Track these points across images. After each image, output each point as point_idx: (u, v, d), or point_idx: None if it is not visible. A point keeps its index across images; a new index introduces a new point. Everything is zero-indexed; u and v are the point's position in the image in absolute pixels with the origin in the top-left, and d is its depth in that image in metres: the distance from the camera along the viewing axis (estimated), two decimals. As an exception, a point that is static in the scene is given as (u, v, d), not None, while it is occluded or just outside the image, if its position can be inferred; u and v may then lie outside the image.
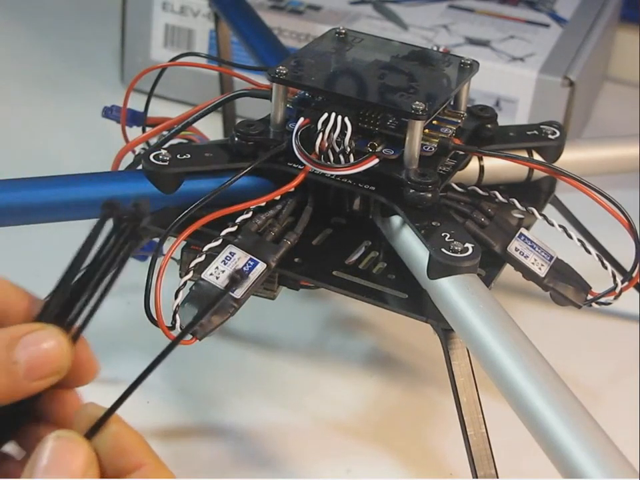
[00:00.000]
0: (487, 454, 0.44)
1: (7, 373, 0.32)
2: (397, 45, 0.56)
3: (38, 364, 0.32)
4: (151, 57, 0.82)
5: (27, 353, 0.32)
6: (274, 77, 0.50)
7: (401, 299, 0.48)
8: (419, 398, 0.55)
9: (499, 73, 0.74)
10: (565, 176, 0.50)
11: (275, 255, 0.47)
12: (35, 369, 0.32)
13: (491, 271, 0.49)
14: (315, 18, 0.78)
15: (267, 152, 0.50)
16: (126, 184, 0.50)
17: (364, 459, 0.51)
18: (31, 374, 0.32)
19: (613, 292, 0.50)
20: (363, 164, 0.49)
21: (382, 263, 0.50)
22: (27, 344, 0.32)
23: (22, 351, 0.32)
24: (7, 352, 0.32)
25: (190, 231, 0.46)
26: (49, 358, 0.32)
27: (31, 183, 0.48)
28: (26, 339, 0.32)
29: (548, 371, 0.41)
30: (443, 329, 0.46)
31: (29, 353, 0.32)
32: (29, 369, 0.32)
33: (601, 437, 0.38)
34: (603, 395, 0.56)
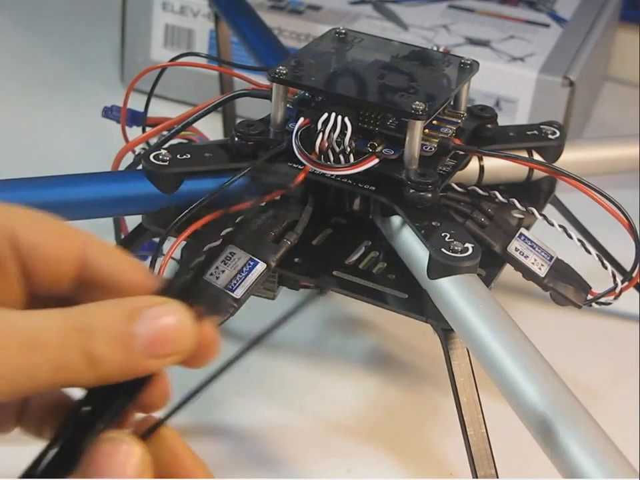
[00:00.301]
0: (486, 454, 0.44)
1: (124, 347, 0.29)
2: (397, 44, 0.56)
3: (159, 340, 0.29)
4: (151, 57, 0.82)
5: (148, 327, 0.29)
6: (274, 77, 0.50)
7: (401, 299, 0.48)
8: (419, 398, 0.55)
9: (499, 72, 0.73)
10: (565, 176, 0.50)
11: (275, 255, 0.47)
12: (155, 346, 0.29)
13: (491, 271, 0.49)
14: (315, 18, 0.78)
15: (267, 152, 0.50)
16: (126, 184, 0.50)
17: (364, 459, 0.51)
18: (150, 350, 0.29)
19: (613, 292, 0.50)
20: (363, 164, 0.49)
21: (382, 263, 0.50)
22: (148, 317, 0.29)
23: (143, 324, 0.29)
24: (126, 324, 0.29)
25: (190, 231, 0.46)
26: (172, 335, 0.29)
27: (31, 183, 0.48)
28: (148, 312, 0.29)
29: (548, 371, 0.41)
30: (442, 328, 0.46)
31: (151, 327, 0.29)
32: (149, 345, 0.29)
33: (601, 437, 0.38)
34: (603, 395, 0.56)
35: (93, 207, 0.49)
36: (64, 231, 0.32)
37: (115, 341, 0.29)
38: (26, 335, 0.28)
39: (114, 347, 0.29)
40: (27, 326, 0.28)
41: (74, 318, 0.29)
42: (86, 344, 0.28)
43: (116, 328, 0.29)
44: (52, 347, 0.28)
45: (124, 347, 0.29)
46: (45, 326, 0.28)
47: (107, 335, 0.29)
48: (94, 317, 0.29)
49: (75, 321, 0.29)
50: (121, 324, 0.29)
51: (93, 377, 0.29)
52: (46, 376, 0.28)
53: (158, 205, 0.49)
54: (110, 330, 0.29)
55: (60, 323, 0.29)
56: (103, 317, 0.29)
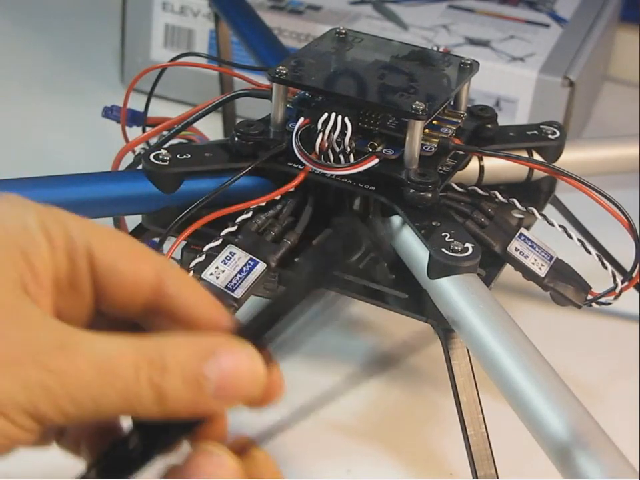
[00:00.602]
0: (486, 454, 0.44)
1: (196, 387, 0.28)
2: (397, 44, 0.56)
3: (230, 384, 0.29)
4: (150, 57, 0.82)
5: (220, 369, 0.29)
6: (274, 77, 0.50)
7: (401, 299, 0.48)
8: (419, 398, 0.55)
9: (499, 72, 0.73)
10: (565, 176, 0.50)
11: (275, 254, 0.47)
12: (225, 389, 0.29)
13: (491, 271, 0.49)
14: (315, 18, 0.78)
15: (267, 152, 0.50)
16: (126, 184, 0.50)
17: (364, 459, 0.51)
18: (219, 393, 0.29)
19: (613, 292, 0.50)
20: (363, 164, 0.49)
21: (382, 263, 0.50)
22: (221, 360, 0.29)
23: (215, 365, 0.29)
24: (199, 363, 0.29)
25: (190, 231, 0.46)
26: (243, 380, 0.29)
27: (31, 183, 0.48)
28: (222, 354, 0.29)
29: (548, 371, 0.41)
30: (442, 329, 0.46)
31: (223, 369, 0.29)
32: (219, 387, 0.29)
33: (601, 437, 0.38)
34: (603, 395, 0.56)
35: (93, 207, 0.49)
36: (142, 254, 0.31)
37: (186, 379, 0.28)
38: (100, 362, 0.28)
39: (184, 385, 0.28)
40: (102, 352, 0.28)
41: (148, 349, 0.29)
42: (157, 378, 0.28)
43: (189, 366, 0.29)
44: (124, 378, 0.28)
45: (194, 387, 0.29)
46: (120, 355, 0.28)
47: (179, 372, 0.28)
48: (168, 351, 0.29)
49: (148, 353, 0.28)
50: (194, 363, 0.29)
51: (158, 412, 0.28)
52: (113, 405, 0.28)
53: (158, 205, 0.49)
54: (182, 367, 0.28)
55: (134, 353, 0.28)
56: (176, 353, 0.29)
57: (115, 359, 0.28)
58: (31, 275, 0.29)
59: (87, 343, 0.28)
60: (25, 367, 0.27)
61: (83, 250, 0.30)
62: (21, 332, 0.27)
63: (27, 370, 0.27)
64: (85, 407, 0.27)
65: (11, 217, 0.30)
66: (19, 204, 0.30)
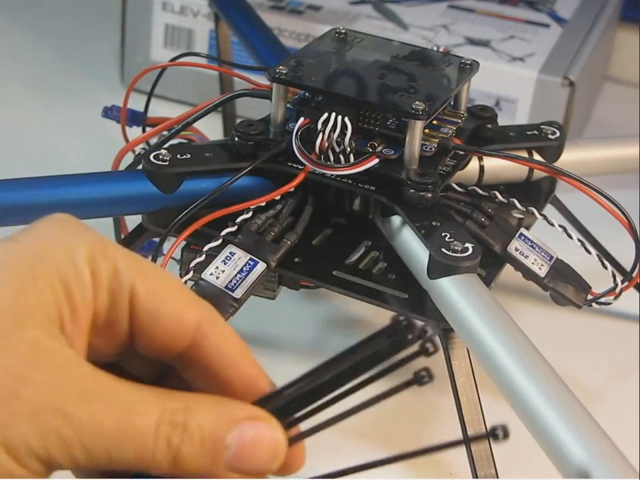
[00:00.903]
0: (486, 454, 0.44)
1: (212, 453, 0.28)
2: (397, 44, 0.56)
3: (248, 457, 0.28)
4: (150, 57, 0.82)
5: (241, 441, 0.28)
6: (274, 77, 0.50)
7: (401, 299, 0.48)
8: (419, 398, 0.55)
9: (499, 72, 0.73)
10: (565, 176, 0.50)
11: (275, 254, 0.47)
12: (241, 461, 0.28)
13: (491, 271, 0.49)
14: (315, 18, 0.78)
15: (267, 152, 0.50)
16: (126, 184, 0.50)
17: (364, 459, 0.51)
18: (235, 464, 0.28)
19: (613, 292, 0.50)
20: (363, 164, 0.49)
21: (382, 263, 0.50)
22: (245, 431, 0.28)
23: (237, 436, 0.28)
24: (222, 430, 0.28)
25: (190, 231, 0.46)
26: (261, 456, 0.29)
27: (31, 183, 0.48)
28: (246, 426, 0.28)
29: (548, 370, 0.41)
30: (442, 329, 0.46)
31: (244, 442, 0.28)
32: (236, 459, 0.28)
33: (601, 437, 0.38)
34: (603, 395, 0.56)
35: (93, 207, 0.49)
36: (188, 301, 0.30)
37: (204, 444, 0.28)
38: (121, 414, 0.27)
39: (202, 450, 0.28)
40: (124, 405, 0.27)
41: (172, 408, 0.28)
42: (176, 439, 0.28)
43: (210, 432, 0.28)
44: (143, 436, 0.27)
45: (212, 453, 0.28)
46: (142, 410, 0.28)
47: (199, 436, 0.28)
48: (192, 413, 0.28)
49: (172, 412, 0.28)
50: (217, 429, 0.28)
51: (169, 469, 0.28)
52: (126, 460, 0.27)
53: (158, 205, 0.49)
54: (203, 432, 0.28)
55: (158, 411, 0.28)
56: (201, 417, 0.28)
57: (137, 415, 0.27)
58: (70, 313, 0.28)
59: (113, 394, 0.28)
60: (45, 414, 0.26)
61: (126, 290, 0.29)
62: (48, 377, 0.27)
63: (47, 417, 0.26)
64: (98, 458, 0.27)
65: (62, 247, 0.28)
66: (72, 232, 0.29)
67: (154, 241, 0.53)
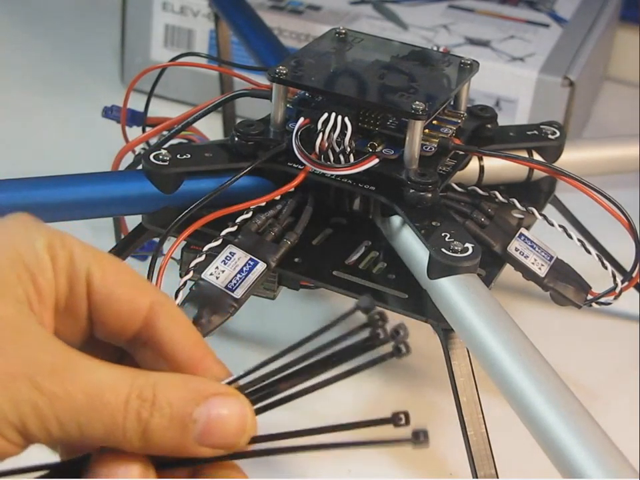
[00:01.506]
0: (487, 454, 0.44)
1: (182, 428, 0.29)
2: (397, 44, 0.56)
3: (217, 431, 0.29)
4: (150, 57, 0.82)
5: (208, 415, 0.29)
6: (274, 77, 0.50)
7: (401, 299, 0.48)
8: (419, 398, 0.55)
9: (499, 72, 0.73)
10: (565, 176, 0.50)
11: (275, 255, 0.47)
12: (210, 435, 0.29)
13: (491, 271, 0.49)
14: (315, 18, 0.78)
15: (267, 152, 0.50)
16: (126, 184, 0.50)
17: (364, 459, 0.51)
18: (204, 438, 0.29)
19: (613, 292, 0.50)
20: (363, 164, 0.49)
21: (382, 263, 0.50)
22: (212, 406, 0.29)
23: (205, 410, 0.29)
24: (189, 406, 0.29)
25: (190, 231, 0.46)
26: (229, 429, 0.29)
27: (31, 183, 0.48)
28: (214, 400, 0.29)
29: (548, 370, 0.41)
30: (443, 329, 0.46)
31: (212, 416, 0.29)
32: (205, 433, 0.29)
33: (601, 437, 0.38)
34: (603, 395, 0.56)
35: (93, 207, 0.49)
36: (140, 285, 0.32)
37: (173, 418, 0.29)
38: (91, 388, 0.28)
39: (171, 424, 0.29)
40: (94, 380, 0.29)
41: (141, 384, 0.29)
42: (145, 413, 0.29)
43: (178, 406, 0.29)
44: (112, 408, 0.28)
45: (180, 428, 0.29)
46: (112, 385, 0.29)
47: (168, 410, 0.29)
48: (161, 388, 0.29)
49: (141, 387, 0.29)
50: (185, 404, 0.29)
51: (141, 446, 0.29)
52: (97, 433, 0.28)
53: (158, 205, 0.49)
54: (172, 407, 0.29)
55: (127, 386, 0.29)
56: (169, 392, 0.29)
57: (107, 389, 0.29)
58: (36, 294, 0.30)
59: (83, 369, 0.29)
60: (19, 386, 0.28)
61: (82, 275, 0.31)
62: (21, 350, 0.28)
63: (21, 388, 0.28)
64: (70, 430, 0.28)
65: (22, 237, 0.30)
66: (31, 226, 0.31)
67: (154, 241, 0.53)
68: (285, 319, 0.59)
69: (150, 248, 0.56)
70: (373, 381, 0.56)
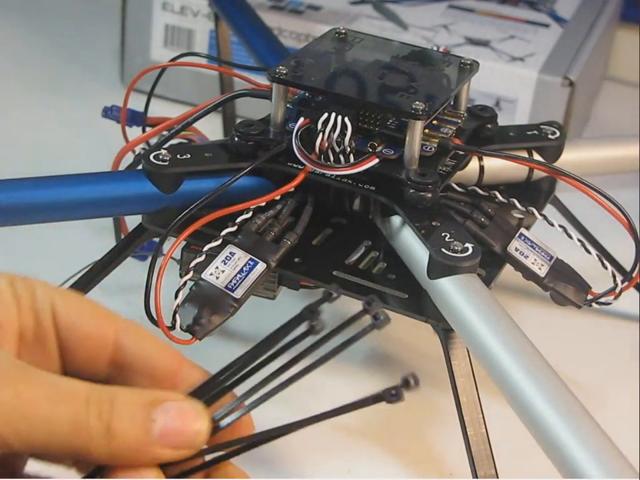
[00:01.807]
0: (486, 454, 0.44)
1: (142, 427, 0.30)
2: (397, 44, 0.56)
3: (175, 432, 0.31)
4: (150, 57, 0.82)
5: (166, 417, 0.31)
6: (274, 77, 0.50)
7: (401, 299, 0.48)
8: (419, 398, 0.55)
9: (499, 72, 0.73)
10: (565, 176, 0.50)
11: (275, 255, 0.47)
12: (169, 436, 0.30)
13: (491, 271, 0.49)
14: (315, 18, 0.78)
15: (267, 152, 0.50)
16: (126, 184, 0.50)
17: (364, 459, 0.51)
18: (164, 440, 0.30)
19: (613, 292, 0.50)
20: (363, 164, 0.49)
21: (382, 263, 0.50)
22: (168, 409, 0.31)
23: (162, 413, 0.31)
24: (147, 408, 0.31)
25: (190, 231, 0.46)
26: (187, 430, 0.31)
27: (31, 183, 0.48)
28: (169, 404, 0.31)
29: (548, 370, 0.41)
30: (443, 329, 0.46)
31: (169, 417, 0.31)
32: (164, 433, 0.30)
33: (601, 437, 0.38)
34: (603, 395, 0.56)
35: (93, 207, 0.49)
36: (103, 315, 0.34)
37: (134, 418, 0.30)
38: (53, 389, 0.30)
39: (132, 424, 0.30)
40: (55, 382, 0.30)
41: (98, 389, 0.31)
42: (106, 414, 0.30)
43: (136, 408, 0.30)
44: (74, 405, 0.30)
45: (141, 427, 0.30)
46: (72, 387, 0.30)
47: (128, 412, 0.30)
48: (117, 395, 0.31)
49: (98, 392, 0.30)
50: (143, 407, 0.31)
51: (107, 451, 0.30)
52: (64, 431, 0.29)
53: (158, 205, 0.49)
54: (131, 409, 0.30)
55: (86, 390, 0.30)
56: (125, 397, 0.31)
57: (68, 390, 0.30)
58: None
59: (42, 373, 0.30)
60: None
61: (47, 310, 0.33)
62: None
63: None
64: (35, 429, 0.29)
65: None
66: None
67: (154, 241, 0.53)
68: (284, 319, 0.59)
69: (150, 248, 0.56)
70: (373, 380, 0.56)
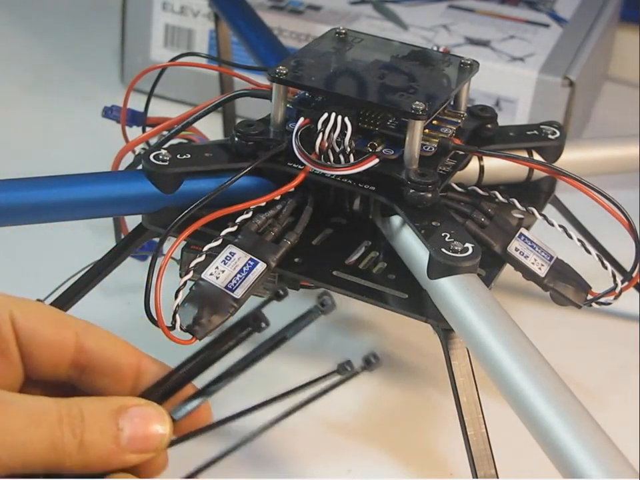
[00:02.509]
0: (486, 454, 0.44)
1: (112, 437, 0.33)
2: (397, 45, 0.56)
3: (142, 436, 0.33)
4: (150, 57, 0.82)
5: (132, 423, 0.33)
6: (274, 77, 0.50)
7: (401, 299, 0.48)
8: (419, 398, 0.55)
9: (499, 73, 0.74)
10: (565, 176, 0.50)
11: (275, 255, 0.47)
12: (137, 441, 0.33)
13: (490, 271, 0.49)
14: (315, 18, 0.78)
15: (267, 152, 0.50)
16: (126, 184, 0.50)
17: (364, 459, 0.51)
18: (132, 445, 0.33)
19: (613, 292, 0.50)
20: (363, 164, 0.49)
21: (382, 263, 0.50)
22: (133, 415, 0.33)
23: (128, 420, 0.33)
24: (114, 417, 0.33)
25: (190, 231, 0.46)
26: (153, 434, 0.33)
27: (31, 183, 0.48)
28: (134, 410, 0.33)
29: (548, 370, 0.41)
30: (443, 329, 0.46)
31: (134, 424, 0.33)
32: (132, 440, 0.33)
33: (601, 437, 0.38)
34: (603, 395, 0.56)
35: (93, 207, 0.49)
36: (60, 319, 0.35)
37: (103, 430, 0.33)
38: (28, 413, 0.32)
39: (102, 436, 0.32)
40: (28, 406, 0.32)
41: (67, 405, 0.33)
42: (77, 429, 0.32)
43: (104, 419, 0.33)
44: (49, 425, 0.32)
45: (111, 437, 0.33)
46: (44, 408, 0.32)
47: (97, 424, 0.33)
48: (85, 406, 0.33)
49: (67, 407, 0.32)
50: (109, 417, 0.33)
51: (80, 463, 0.32)
52: (42, 451, 0.31)
53: (158, 205, 0.49)
54: (99, 421, 0.33)
55: (56, 407, 0.32)
56: (92, 409, 0.33)
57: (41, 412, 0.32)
58: None
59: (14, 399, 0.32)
60: None
61: (6, 318, 0.34)
62: None
63: None
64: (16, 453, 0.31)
65: None
66: None
67: (154, 241, 0.53)
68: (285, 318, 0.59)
69: (150, 248, 0.56)
70: (373, 380, 0.56)
